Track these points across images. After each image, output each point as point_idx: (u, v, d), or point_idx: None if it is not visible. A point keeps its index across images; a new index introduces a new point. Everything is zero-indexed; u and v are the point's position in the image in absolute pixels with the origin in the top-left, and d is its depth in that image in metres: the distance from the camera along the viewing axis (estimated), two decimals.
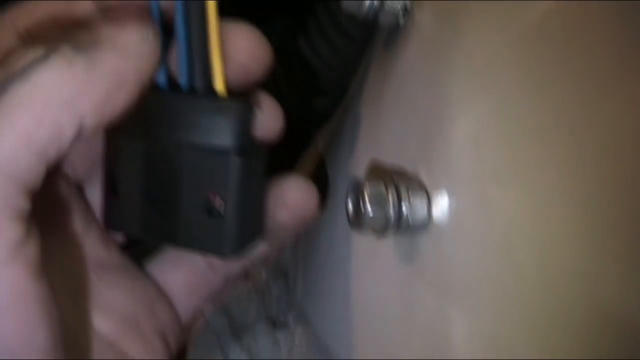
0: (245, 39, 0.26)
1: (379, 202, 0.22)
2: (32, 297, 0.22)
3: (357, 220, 0.23)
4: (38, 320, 0.23)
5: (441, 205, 0.23)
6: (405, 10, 0.27)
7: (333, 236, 0.30)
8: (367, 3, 0.26)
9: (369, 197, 0.22)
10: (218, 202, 0.25)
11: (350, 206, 0.23)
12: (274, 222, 0.27)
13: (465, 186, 0.22)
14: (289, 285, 0.39)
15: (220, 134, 0.25)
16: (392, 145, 0.26)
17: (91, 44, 0.23)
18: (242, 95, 0.26)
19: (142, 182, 0.27)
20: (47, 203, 0.26)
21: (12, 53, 0.23)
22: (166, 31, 0.26)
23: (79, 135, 0.23)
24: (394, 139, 0.26)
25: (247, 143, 0.26)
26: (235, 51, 0.26)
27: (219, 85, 0.26)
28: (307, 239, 0.35)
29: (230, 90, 0.26)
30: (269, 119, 0.26)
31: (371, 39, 0.31)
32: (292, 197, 0.27)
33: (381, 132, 0.27)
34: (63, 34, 0.24)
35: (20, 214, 0.22)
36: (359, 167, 0.27)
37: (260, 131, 0.26)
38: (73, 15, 0.27)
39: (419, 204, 0.23)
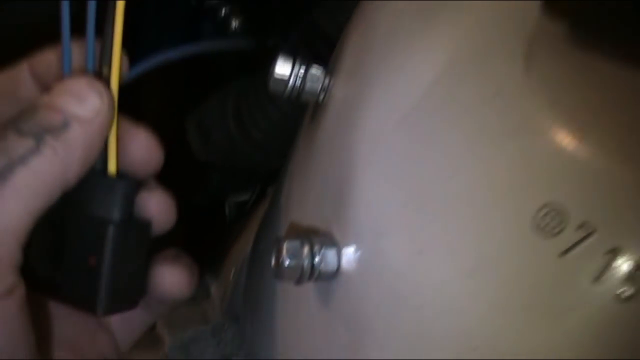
0: (141, 140, 0.33)
1: (295, 255, 0.27)
2: (20, 326, 0.29)
3: (278, 270, 0.27)
4: (21, 344, 0.30)
5: (348, 257, 0.28)
6: (325, 89, 0.32)
7: (271, 284, 0.35)
8: (290, 84, 0.32)
9: (286, 251, 0.27)
10: (94, 264, 0.31)
11: (272, 259, 0.28)
12: (151, 293, 0.34)
13: (367, 241, 0.27)
14: (240, 326, 0.43)
15: (106, 206, 0.32)
16: (313, 207, 0.31)
17: (63, 126, 0.30)
18: (129, 179, 0.33)
19: (47, 240, 0.33)
20: None
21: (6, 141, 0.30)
22: None
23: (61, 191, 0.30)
24: (314, 202, 0.31)
25: (126, 216, 0.32)
26: (133, 147, 0.33)
27: (112, 167, 0.32)
28: (254, 287, 0.40)
29: (122, 174, 0.32)
30: (158, 202, 0.33)
31: (302, 113, 0.36)
32: (166, 279, 0.34)
33: (305, 196, 0.32)
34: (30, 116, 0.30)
35: (18, 263, 0.29)
36: (285, 227, 0.32)
37: (149, 211, 0.33)
38: (18, 95, 0.33)
39: (331, 257, 0.28)
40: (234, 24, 0.45)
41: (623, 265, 0.22)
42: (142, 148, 0.33)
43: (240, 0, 0.44)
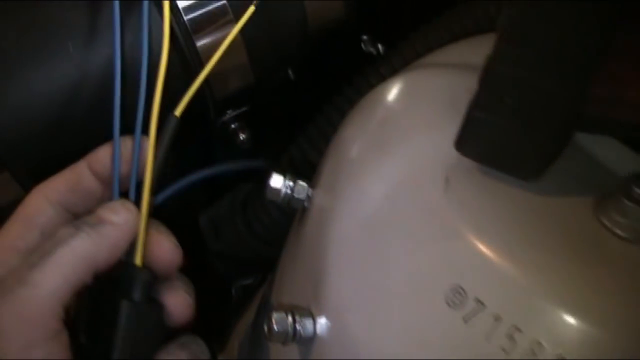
0: (164, 245, 0.43)
1: (282, 324, 0.37)
2: None
3: (269, 334, 0.37)
4: None
5: (322, 326, 0.38)
6: (308, 198, 0.43)
7: (266, 346, 0.45)
8: (282, 194, 0.43)
9: (275, 320, 0.37)
10: (109, 338, 0.40)
11: (265, 327, 0.38)
12: None
13: (335, 315, 0.38)
14: None
15: (126, 289, 0.41)
16: (297, 289, 0.41)
17: (98, 222, 0.41)
18: (147, 270, 0.42)
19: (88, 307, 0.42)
20: None
21: (57, 229, 0.41)
22: None
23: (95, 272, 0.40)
24: (298, 285, 0.41)
25: (141, 299, 0.41)
26: (156, 248, 0.43)
27: (137, 260, 0.42)
28: (254, 350, 0.50)
29: (145, 266, 0.42)
30: (176, 296, 0.43)
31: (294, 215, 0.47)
32: None
33: (292, 280, 0.42)
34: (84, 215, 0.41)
35: (59, 316, 0.39)
36: (276, 303, 0.43)
37: (167, 303, 0.43)
38: (82, 186, 0.44)
39: (309, 325, 0.38)
40: (242, 136, 0.56)
41: (504, 328, 0.32)
42: (164, 250, 0.43)
43: (247, 118, 0.55)
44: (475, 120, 0.34)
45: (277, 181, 0.42)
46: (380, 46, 0.59)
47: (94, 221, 0.41)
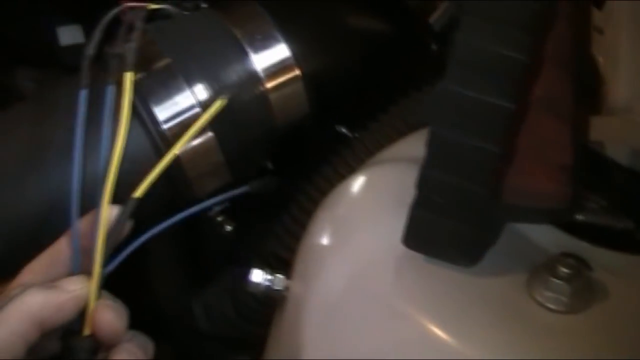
0: (109, 315, 0.48)
1: None
2: None
3: None
4: None
5: None
6: (286, 288, 0.49)
7: None
8: (262, 286, 0.49)
9: None
10: None
11: None
12: None
13: None
14: None
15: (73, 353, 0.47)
16: None
17: (51, 286, 0.46)
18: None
19: None
20: None
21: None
22: None
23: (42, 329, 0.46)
24: None
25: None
26: (101, 318, 0.48)
27: (86, 330, 0.47)
28: None
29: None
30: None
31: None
32: None
33: (275, 357, 0.48)
34: None
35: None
36: None
37: None
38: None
39: None
40: (228, 228, 0.63)
41: None
42: (107, 319, 0.47)
43: (230, 211, 0.62)
44: (415, 218, 0.40)
45: (257, 276, 0.49)
46: (347, 130, 0.66)
47: (48, 285, 0.47)
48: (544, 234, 0.43)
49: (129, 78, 0.52)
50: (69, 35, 0.69)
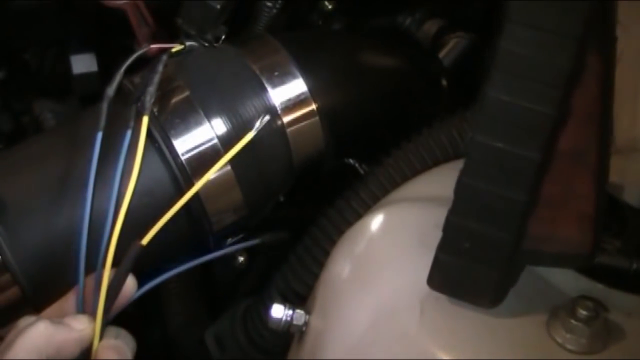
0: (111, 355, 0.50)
1: None
2: None
3: None
4: None
5: None
6: (305, 323, 0.51)
7: None
8: (282, 321, 0.51)
9: None
10: None
11: None
12: None
13: None
14: None
15: None
16: None
17: (58, 322, 0.48)
18: None
19: None
20: None
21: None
22: None
23: None
24: None
25: None
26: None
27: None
28: None
29: None
30: None
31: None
32: None
33: None
34: None
35: None
36: None
37: None
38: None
39: None
40: (240, 259, 0.64)
41: None
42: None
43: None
44: (441, 261, 0.42)
45: (277, 311, 0.50)
46: (361, 165, 0.67)
47: (55, 321, 0.49)
48: (562, 276, 0.45)
49: (144, 122, 0.54)
50: (82, 63, 0.71)
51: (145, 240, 0.53)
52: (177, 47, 0.58)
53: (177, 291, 0.72)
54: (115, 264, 0.52)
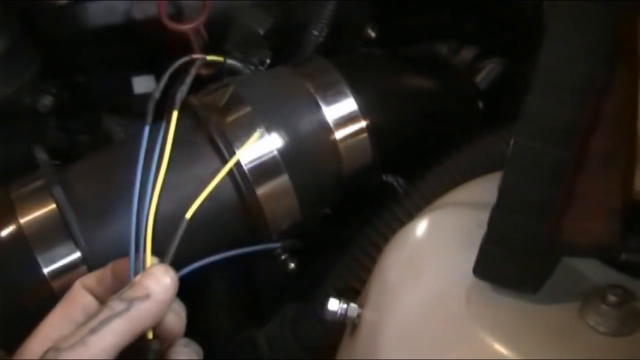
0: (172, 319, 0.56)
1: None
2: None
3: None
4: None
5: None
6: (359, 315, 0.58)
7: None
8: (338, 314, 0.58)
9: None
10: None
11: None
12: None
13: None
14: None
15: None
16: None
17: (145, 297, 0.53)
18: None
19: None
20: None
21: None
22: None
23: None
24: None
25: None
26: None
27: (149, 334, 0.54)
28: None
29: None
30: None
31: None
32: None
33: None
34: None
35: None
36: None
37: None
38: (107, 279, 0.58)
39: None
40: (291, 266, 0.72)
41: None
42: (170, 322, 0.55)
43: (295, 250, 0.72)
44: (486, 252, 0.50)
45: (333, 304, 0.58)
46: (400, 180, 0.76)
47: (141, 295, 0.53)
48: (593, 268, 0.53)
49: (174, 116, 0.63)
50: (142, 84, 0.80)
51: (188, 215, 0.60)
52: (213, 57, 0.68)
53: (226, 298, 0.80)
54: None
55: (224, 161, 0.64)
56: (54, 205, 0.63)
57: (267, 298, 0.82)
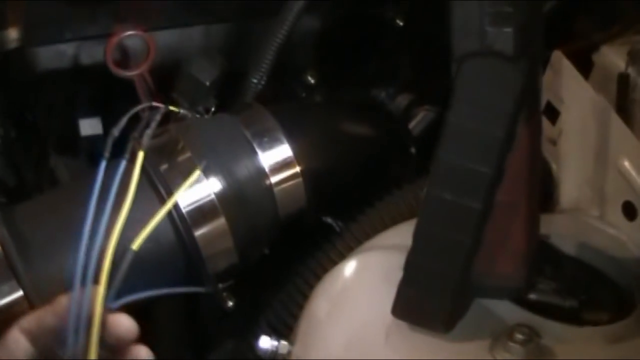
0: (122, 323, 0.60)
1: None
2: None
3: None
4: None
5: None
6: (289, 352, 0.62)
7: None
8: (269, 352, 0.62)
9: None
10: None
11: None
12: None
13: None
14: None
15: None
16: None
17: None
18: None
19: None
20: None
21: None
22: None
23: None
24: None
25: None
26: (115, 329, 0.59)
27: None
28: None
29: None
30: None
31: None
32: None
33: None
34: None
35: None
36: None
37: None
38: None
39: None
40: (229, 303, 0.75)
41: None
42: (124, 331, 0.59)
43: (232, 289, 0.75)
44: (403, 294, 0.54)
45: (265, 342, 0.62)
46: (339, 222, 0.80)
47: None
48: (504, 307, 0.57)
49: (140, 156, 0.67)
50: (89, 126, 0.83)
51: (135, 246, 0.64)
52: (173, 108, 0.72)
53: (168, 335, 0.83)
54: None
55: (164, 203, 0.67)
56: None
57: (207, 332, 0.85)
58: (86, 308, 0.60)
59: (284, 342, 0.62)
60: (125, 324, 0.61)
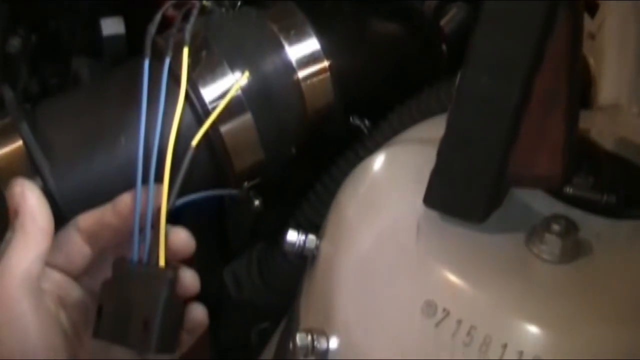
0: (181, 238, 0.60)
1: (303, 340, 0.55)
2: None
3: (294, 348, 0.55)
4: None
5: (333, 341, 0.56)
6: (317, 247, 0.61)
7: None
8: (296, 245, 0.61)
9: (298, 338, 0.55)
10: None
11: (290, 344, 0.56)
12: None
13: (342, 332, 0.56)
14: None
15: (157, 285, 0.58)
16: (313, 317, 0.59)
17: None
18: (173, 268, 0.59)
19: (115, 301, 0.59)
20: None
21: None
22: None
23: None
24: (314, 314, 0.59)
25: (170, 294, 0.58)
26: (174, 243, 0.60)
27: (161, 261, 0.59)
28: None
29: (167, 263, 0.59)
30: (187, 285, 0.60)
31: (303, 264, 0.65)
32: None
33: (309, 311, 0.60)
34: None
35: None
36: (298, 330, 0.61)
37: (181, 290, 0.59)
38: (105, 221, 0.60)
39: (323, 342, 0.56)
40: (256, 203, 0.74)
41: (464, 328, 0.50)
42: (183, 244, 0.60)
43: (259, 188, 0.74)
44: (435, 182, 0.53)
45: (292, 235, 0.61)
46: (366, 121, 0.78)
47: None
48: (541, 200, 0.56)
49: (185, 51, 0.65)
50: (111, 26, 0.81)
51: (194, 142, 0.63)
52: (206, 3, 0.69)
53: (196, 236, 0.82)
54: None
55: (189, 100, 0.66)
56: (20, 143, 0.65)
57: (237, 239, 0.85)
58: (151, 206, 0.60)
59: (311, 236, 0.61)
60: (184, 237, 0.60)
